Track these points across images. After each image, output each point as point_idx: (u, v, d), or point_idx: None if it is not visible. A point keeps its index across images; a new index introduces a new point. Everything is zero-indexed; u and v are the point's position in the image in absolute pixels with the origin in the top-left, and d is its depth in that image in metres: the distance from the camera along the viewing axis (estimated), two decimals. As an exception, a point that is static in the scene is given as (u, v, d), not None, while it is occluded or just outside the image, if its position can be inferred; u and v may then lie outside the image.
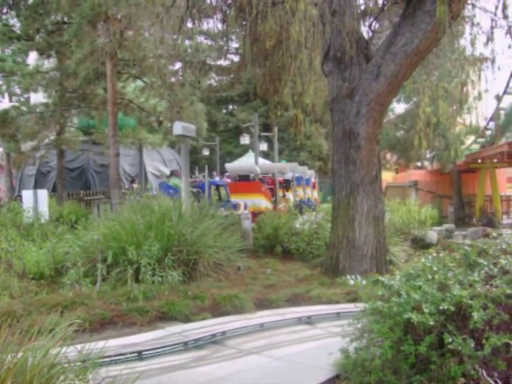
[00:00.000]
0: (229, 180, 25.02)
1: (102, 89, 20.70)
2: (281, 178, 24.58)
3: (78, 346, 4.12)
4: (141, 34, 15.16)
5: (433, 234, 16.96)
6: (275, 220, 14.96)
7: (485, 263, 4.83)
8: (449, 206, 28.56)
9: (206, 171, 19.96)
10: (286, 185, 25.52)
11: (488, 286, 4.49)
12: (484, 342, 4.20)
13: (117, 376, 4.24)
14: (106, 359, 5.67)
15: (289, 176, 25.40)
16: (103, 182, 26.35)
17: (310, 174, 30.22)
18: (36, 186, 24.57)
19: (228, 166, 25.78)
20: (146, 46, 15.51)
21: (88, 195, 24.39)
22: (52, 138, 22.15)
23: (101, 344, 4.58)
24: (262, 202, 20.94)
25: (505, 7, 11.14)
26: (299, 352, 6.77)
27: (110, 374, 4.79)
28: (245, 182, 22.19)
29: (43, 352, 3.70)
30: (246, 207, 19.50)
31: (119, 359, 6.08)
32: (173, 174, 20.64)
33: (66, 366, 3.79)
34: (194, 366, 6.32)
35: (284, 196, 24.59)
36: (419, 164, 34.73)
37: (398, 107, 36.39)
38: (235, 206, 19.05)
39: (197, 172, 30.79)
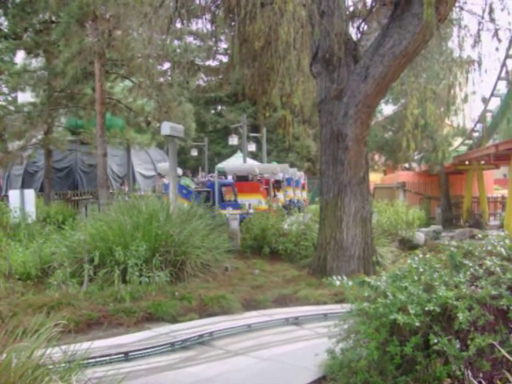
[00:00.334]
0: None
1: (90, 88, 20.62)
2: (272, 179, 24.90)
3: (64, 347, 4.09)
4: (129, 33, 15.10)
5: (420, 235, 17.03)
6: (263, 221, 14.97)
7: (470, 264, 4.86)
8: (436, 208, 28.70)
9: (216, 172, 20.26)
10: (277, 185, 25.84)
11: (473, 287, 4.51)
12: (469, 342, 4.23)
13: (102, 377, 4.22)
14: (92, 360, 5.66)
15: (280, 177, 25.72)
16: (91, 182, 26.27)
17: (300, 175, 30.44)
18: (23, 186, 24.44)
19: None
20: (134, 45, 15.45)
21: (75, 195, 24.28)
22: (39, 137, 22.03)
23: (87, 345, 4.56)
24: (261, 202, 21.68)
25: (491, 10, 11.21)
26: (286, 353, 6.77)
27: (96, 375, 4.76)
28: (244, 182, 22.50)
29: (28, 353, 3.68)
30: (250, 207, 20.11)
31: (105, 360, 6.06)
32: (185, 174, 20.96)
33: (50, 367, 3.77)
34: (181, 366, 6.31)
35: (275, 196, 24.91)
36: (407, 165, 34.88)
37: (387, 109, 36.62)
38: (241, 206, 19.84)
39: (200, 172, 30.74)
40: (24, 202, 15.24)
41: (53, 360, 3.87)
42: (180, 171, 20.16)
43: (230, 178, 24.44)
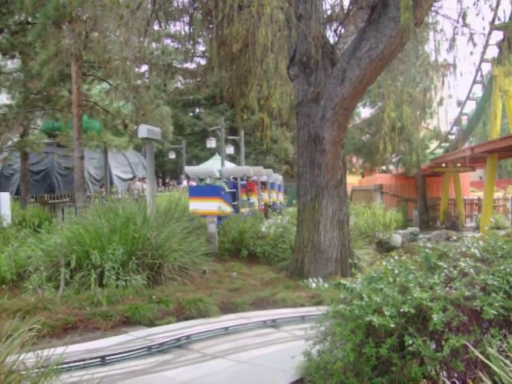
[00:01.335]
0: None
1: (67, 91, 20.43)
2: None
3: (38, 352, 4.04)
4: (106, 35, 14.99)
5: (397, 237, 17.16)
6: (241, 224, 14.95)
7: (445, 266, 4.90)
8: (413, 210, 28.98)
9: (239, 176, 20.66)
10: (263, 186, 26.23)
11: (448, 289, 4.55)
12: (443, 343, 4.26)
13: (77, 382, 4.18)
14: (67, 365, 5.61)
15: (265, 179, 26.12)
16: (68, 185, 26.04)
17: (281, 179, 30.77)
18: (-1, 189, 24.13)
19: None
20: (111, 48, 15.34)
21: (52, 198, 24.02)
22: (15, 140, 21.77)
23: (62, 349, 4.51)
24: (255, 202, 22.78)
25: (465, 15, 11.34)
26: (264, 355, 6.78)
27: (71, 380, 4.73)
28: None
29: (0, 359, 3.63)
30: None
31: (81, 365, 6.01)
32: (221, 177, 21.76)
33: (23, 373, 3.72)
34: (157, 370, 6.28)
35: (261, 196, 25.37)
36: (384, 168, 35.16)
37: (364, 112, 36.87)
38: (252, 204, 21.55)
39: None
40: (-1, 206, 15.07)
41: (26, 365, 3.83)
42: (217, 173, 20.78)
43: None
